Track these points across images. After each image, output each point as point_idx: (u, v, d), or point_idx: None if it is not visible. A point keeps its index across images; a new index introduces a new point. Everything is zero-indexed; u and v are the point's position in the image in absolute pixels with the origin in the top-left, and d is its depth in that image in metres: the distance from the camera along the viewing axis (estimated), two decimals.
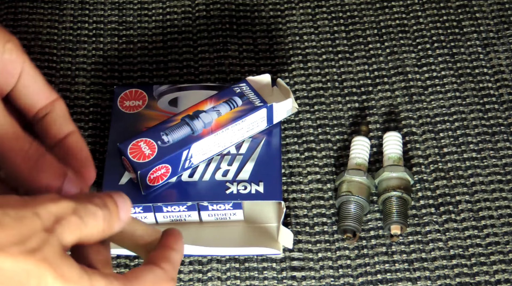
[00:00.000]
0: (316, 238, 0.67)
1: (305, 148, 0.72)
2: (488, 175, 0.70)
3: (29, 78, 0.51)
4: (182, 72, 0.77)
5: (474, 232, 0.67)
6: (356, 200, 0.66)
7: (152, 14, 0.81)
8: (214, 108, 0.66)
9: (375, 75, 0.76)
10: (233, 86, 0.67)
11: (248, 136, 0.67)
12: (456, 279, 0.64)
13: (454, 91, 0.75)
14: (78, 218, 0.43)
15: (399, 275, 0.65)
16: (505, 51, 0.77)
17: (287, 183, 0.70)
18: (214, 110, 0.65)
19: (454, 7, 0.81)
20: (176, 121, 0.65)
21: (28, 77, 0.51)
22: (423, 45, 0.78)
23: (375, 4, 0.81)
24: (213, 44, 0.79)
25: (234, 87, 0.67)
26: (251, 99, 0.66)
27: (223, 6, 0.81)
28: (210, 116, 0.65)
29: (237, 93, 0.67)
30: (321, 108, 0.74)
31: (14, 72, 0.50)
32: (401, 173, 0.67)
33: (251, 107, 0.66)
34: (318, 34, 0.79)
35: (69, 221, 0.43)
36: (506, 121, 0.73)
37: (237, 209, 0.65)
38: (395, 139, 0.69)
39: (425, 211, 0.68)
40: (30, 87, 0.51)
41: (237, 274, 0.65)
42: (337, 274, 0.65)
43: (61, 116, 0.53)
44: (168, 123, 0.65)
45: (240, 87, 0.67)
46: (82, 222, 0.44)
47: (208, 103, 0.66)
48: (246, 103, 0.66)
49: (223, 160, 0.66)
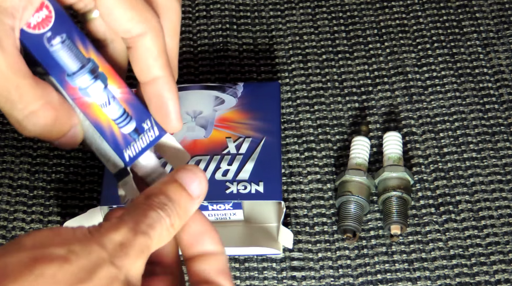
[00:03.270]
0: (316, 238, 0.67)
1: (305, 148, 0.72)
2: (488, 175, 0.70)
3: (106, 7, 0.44)
4: (182, 72, 0.77)
5: (474, 232, 0.67)
6: (356, 200, 0.66)
7: None
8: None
9: (375, 75, 0.76)
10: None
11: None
12: (456, 279, 0.64)
13: (454, 91, 0.75)
14: (144, 238, 0.40)
15: (399, 275, 0.65)
16: (505, 51, 0.77)
17: (287, 183, 0.70)
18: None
19: (454, 7, 0.81)
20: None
21: (102, 4, 0.44)
22: (423, 45, 0.78)
23: (375, 4, 0.81)
24: (213, 44, 0.79)
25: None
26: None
27: (223, 6, 0.81)
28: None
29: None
30: (321, 108, 0.74)
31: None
32: (401, 173, 0.67)
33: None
34: (318, 34, 0.79)
35: (135, 246, 0.40)
36: (506, 121, 0.73)
37: (237, 209, 0.65)
38: (395, 140, 0.69)
39: (425, 211, 0.68)
40: (106, 14, 0.44)
41: (237, 274, 0.65)
42: (337, 274, 0.65)
43: (142, 57, 0.46)
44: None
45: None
46: (149, 239, 0.41)
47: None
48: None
49: (223, 160, 0.66)
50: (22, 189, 0.70)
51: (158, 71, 0.46)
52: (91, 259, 0.38)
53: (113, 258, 0.39)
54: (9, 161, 0.71)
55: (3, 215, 0.68)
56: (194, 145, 0.67)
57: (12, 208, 0.69)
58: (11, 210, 0.69)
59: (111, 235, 0.40)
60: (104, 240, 0.39)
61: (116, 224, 0.40)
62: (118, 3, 0.44)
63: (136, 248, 0.40)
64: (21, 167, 0.71)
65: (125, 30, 0.45)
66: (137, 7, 0.45)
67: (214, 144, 0.67)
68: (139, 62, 0.46)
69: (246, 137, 0.68)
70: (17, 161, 0.71)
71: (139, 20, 0.45)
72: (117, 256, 0.39)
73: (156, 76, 0.46)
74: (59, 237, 0.39)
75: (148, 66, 0.46)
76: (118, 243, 0.39)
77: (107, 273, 0.38)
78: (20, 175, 0.70)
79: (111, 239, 0.39)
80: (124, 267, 0.39)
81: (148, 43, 0.45)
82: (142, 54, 0.46)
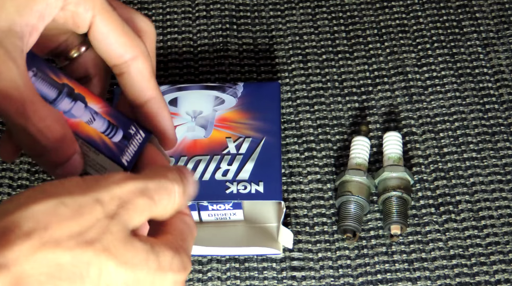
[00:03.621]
0: (316, 238, 0.67)
1: (305, 148, 0.72)
2: (488, 175, 0.70)
3: (99, 34, 0.47)
4: (182, 72, 0.77)
5: (474, 232, 0.67)
6: (356, 200, 0.66)
7: (152, 14, 0.81)
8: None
9: (375, 75, 0.76)
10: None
11: None
12: (456, 279, 0.64)
13: (454, 91, 0.75)
14: (147, 198, 0.40)
15: (399, 275, 0.65)
16: (505, 51, 0.77)
17: (287, 183, 0.70)
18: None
19: (454, 7, 0.81)
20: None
21: (98, 33, 0.47)
22: (423, 45, 0.78)
23: (375, 4, 0.81)
24: (213, 44, 0.79)
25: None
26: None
27: (223, 6, 0.81)
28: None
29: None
30: (321, 108, 0.74)
31: (81, 23, 0.47)
32: (401, 173, 0.67)
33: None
34: (318, 34, 0.79)
35: (135, 204, 0.40)
36: (506, 121, 0.73)
37: (237, 209, 0.65)
38: (395, 140, 0.69)
39: (425, 211, 0.68)
40: (100, 42, 0.48)
41: (237, 274, 0.65)
42: (337, 274, 0.65)
43: (136, 80, 0.49)
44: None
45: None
46: (152, 202, 0.41)
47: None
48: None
49: (223, 160, 0.66)
50: (22, 189, 0.70)
51: (151, 92, 0.49)
52: (83, 216, 0.38)
53: (109, 213, 0.39)
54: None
55: None
56: (194, 145, 0.67)
57: None
58: None
59: (113, 188, 0.40)
60: (101, 192, 0.39)
61: (123, 179, 0.41)
62: (111, 31, 0.48)
63: (137, 207, 0.40)
64: (21, 167, 0.71)
65: (119, 55, 0.48)
66: (128, 33, 0.48)
67: (214, 144, 0.67)
68: (133, 86, 0.49)
69: (246, 137, 0.68)
70: (17, 161, 0.71)
71: (131, 45, 0.48)
72: (115, 211, 0.39)
73: (150, 97, 0.49)
74: (44, 194, 0.39)
75: (142, 88, 0.49)
76: (119, 198, 0.40)
77: (100, 226, 0.38)
78: (20, 175, 0.70)
79: (112, 194, 0.40)
80: (120, 220, 0.39)
81: (141, 66, 0.49)
82: (136, 77, 0.49)
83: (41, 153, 0.46)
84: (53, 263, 0.37)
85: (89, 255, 0.38)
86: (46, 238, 0.37)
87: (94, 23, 0.47)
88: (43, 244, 0.37)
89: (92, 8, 0.47)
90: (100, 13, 0.47)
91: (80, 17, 0.47)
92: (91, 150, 0.48)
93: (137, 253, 0.39)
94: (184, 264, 0.41)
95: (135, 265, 0.39)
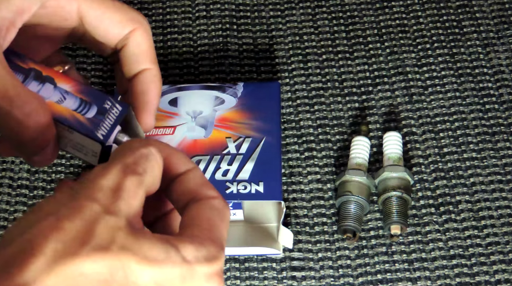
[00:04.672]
0: (316, 238, 0.67)
1: (305, 148, 0.72)
2: (488, 175, 0.70)
3: (92, 19, 0.47)
4: (182, 72, 0.77)
5: (474, 232, 0.67)
6: (356, 200, 0.66)
7: (152, 14, 0.81)
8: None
9: (375, 75, 0.76)
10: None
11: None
12: (456, 279, 0.64)
13: (454, 91, 0.75)
14: (133, 175, 0.39)
15: (399, 275, 0.65)
16: (505, 51, 0.77)
17: (287, 183, 0.70)
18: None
19: (454, 7, 0.81)
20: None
21: (90, 18, 0.47)
22: (423, 45, 0.78)
23: (375, 4, 0.81)
24: (213, 44, 0.79)
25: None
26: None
27: (223, 6, 0.81)
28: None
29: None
30: (321, 108, 0.74)
31: (67, 16, 0.47)
32: (401, 173, 0.67)
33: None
34: (318, 34, 0.79)
35: (126, 188, 0.39)
36: (506, 121, 0.73)
37: (237, 209, 0.65)
38: (395, 140, 0.69)
39: (425, 211, 0.68)
40: (97, 27, 0.47)
41: (237, 274, 0.65)
42: (337, 274, 0.65)
43: (133, 51, 0.48)
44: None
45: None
46: (139, 176, 0.40)
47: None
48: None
49: (223, 160, 0.66)
50: (22, 189, 0.70)
51: (147, 64, 0.48)
52: (84, 217, 0.37)
53: (107, 207, 0.38)
54: (9, 161, 0.71)
55: (3, 215, 0.68)
56: (194, 144, 0.67)
57: (12, 208, 0.69)
58: (11, 210, 0.69)
59: (99, 182, 0.39)
60: (92, 191, 0.38)
61: (102, 170, 0.39)
62: (103, 13, 0.47)
63: (129, 189, 0.39)
64: (21, 167, 0.71)
65: (117, 33, 0.47)
66: (122, 9, 0.47)
67: (214, 143, 0.67)
68: (130, 57, 0.48)
69: (246, 137, 0.68)
70: (17, 161, 0.71)
71: (128, 19, 0.47)
72: (111, 203, 0.38)
73: (144, 68, 0.48)
74: (43, 212, 0.38)
75: (138, 59, 0.48)
76: (109, 188, 0.38)
77: (106, 225, 0.37)
78: (20, 175, 0.70)
79: (99, 188, 0.38)
80: (121, 212, 0.38)
81: (139, 38, 0.48)
82: (133, 49, 0.48)
83: (27, 140, 0.45)
84: (76, 274, 0.36)
85: (110, 260, 0.36)
86: (59, 249, 0.36)
87: (83, 11, 0.47)
88: (59, 256, 0.36)
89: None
90: (85, 0, 0.46)
91: (65, 10, 0.47)
92: (66, 129, 0.48)
93: (153, 245, 0.38)
94: (213, 254, 0.39)
95: (156, 260, 0.37)
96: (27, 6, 0.45)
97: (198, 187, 0.43)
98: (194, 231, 0.40)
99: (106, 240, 0.37)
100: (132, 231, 0.38)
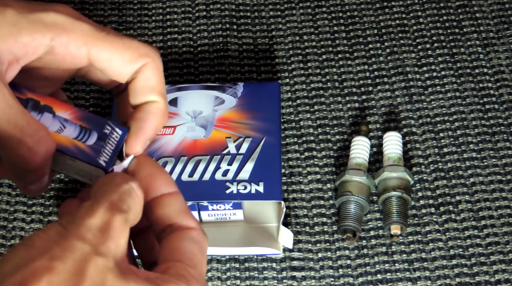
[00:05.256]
0: (316, 238, 0.67)
1: (305, 148, 0.72)
2: (488, 175, 0.70)
3: (102, 61, 0.47)
4: (182, 72, 0.77)
5: (474, 232, 0.67)
6: (356, 200, 0.66)
7: (152, 14, 0.81)
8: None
9: (375, 75, 0.76)
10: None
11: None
12: (456, 279, 0.64)
13: (454, 91, 0.75)
14: (119, 213, 0.40)
15: (399, 275, 0.65)
16: (505, 51, 0.77)
17: (287, 183, 0.70)
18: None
19: (454, 7, 0.81)
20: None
21: (101, 60, 0.47)
22: (423, 45, 0.78)
23: (375, 4, 0.81)
24: (213, 44, 0.79)
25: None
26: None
27: (223, 6, 0.81)
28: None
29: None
30: (321, 108, 0.74)
31: (77, 61, 0.47)
32: (401, 173, 0.67)
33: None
34: (318, 34, 0.79)
35: (114, 227, 0.39)
36: (506, 121, 0.73)
37: (237, 209, 0.65)
38: (395, 140, 0.69)
39: (425, 211, 0.68)
40: (107, 68, 0.47)
41: (237, 274, 0.65)
42: (337, 274, 0.65)
43: (142, 85, 0.47)
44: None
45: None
46: (124, 213, 0.40)
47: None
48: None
49: (223, 160, 0.66)
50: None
51: (154, 97, 0.48)
52: (75, 257, 0.37)
53: (97, 248, 0.38)
54: None
55: (3, 215, 0.68)
56: (194, 145, 0.67)
57: (12, 208, 0.69)
58: (11, 210, 0.69)
59: (88, 222, 0.39)
60: (82, 231, 0.39)
61: (90, 208, 0.40)
62: (113, 54, 0.46)
63: (117, 228, 0.39)
64: None
65: (127, 71, 0.47)
66: (132, 46, 0.47)
67: (214, 144, 0.67)
68: (137, 90, 0.48)
69: (246, 137, 0.68)
70: None
71: (138, 55, 0.47)
72: (101, 244, 0.38)
73: (151, 101, 0.48)
74: (35, 249, 0.38)
75: (146, 92, 0.48)
76: (97, 228, 0.39)
77: (97, 267, 0.38)
78: None
79: (89, 227, 0.39)
80: (110, 252, 0.39)
81: (148, 73, 0.47)
82: (142, 83, 0.47)
83: (33, 168, 0.45)
84: None
85: None
86: None
87: (93, 56, 0.46)
88: None
89: (84, 43, 0.46)
90: (94, 44, 0.46)
91: (75, 56, 0.47)
92: (68, 158, 0.48)
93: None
94: None
95: None
96: (35, 46, 0.45)
97: (177, 214, 0.44)
98: (179, 270, 0.41)
99: (96, 282, 0.37)
100: (121, 272, 0.38)
